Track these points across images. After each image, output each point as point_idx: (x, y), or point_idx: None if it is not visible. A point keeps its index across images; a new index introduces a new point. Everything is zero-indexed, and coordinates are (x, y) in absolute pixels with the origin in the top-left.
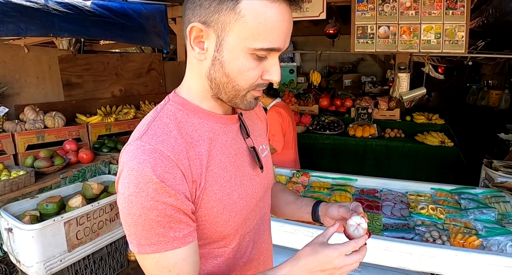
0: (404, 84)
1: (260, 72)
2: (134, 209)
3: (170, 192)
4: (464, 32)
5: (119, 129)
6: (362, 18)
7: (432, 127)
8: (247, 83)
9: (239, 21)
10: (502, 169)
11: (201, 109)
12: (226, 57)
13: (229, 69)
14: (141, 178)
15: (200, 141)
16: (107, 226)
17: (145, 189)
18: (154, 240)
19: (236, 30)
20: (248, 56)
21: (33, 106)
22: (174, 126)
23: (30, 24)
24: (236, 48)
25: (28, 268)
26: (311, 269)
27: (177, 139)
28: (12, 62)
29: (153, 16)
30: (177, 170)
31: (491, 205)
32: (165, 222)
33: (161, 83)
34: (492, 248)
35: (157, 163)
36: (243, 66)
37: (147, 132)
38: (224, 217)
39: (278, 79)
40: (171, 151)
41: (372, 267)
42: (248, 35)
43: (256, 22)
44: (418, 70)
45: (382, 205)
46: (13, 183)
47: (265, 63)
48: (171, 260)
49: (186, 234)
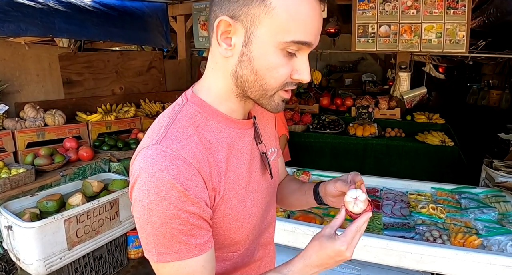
0: (404, 83)
1: (290, 70)
2: (155, 218)
3: (193, 200)
4: (465, 32)
5: (119, 127)
6: (363, 17)
7: (433, 127)
8: (276, 81)
9: (269, 14)
10: (503, 169)
11: (219, 113)
12: (255, 53)
13: (258, 66)
14: (163, 186)
15: (219, 147)
16: (107, 224)
17: (167, 198)
18: (175, 249)
19: (266, 24)
20: (278, 52)
21: (33, 104)
22: (194, 130)
23: (30, 24)
24: (266, 42)
25: (28, 266)
26: (323, 263)
27: (197, 144)
28: (12, 59)
29: (155, 14)
30: (199, 177)
31: (492, 204)
32: (187, 230)
33: (161, 81)
34: (492, 247)
35: (180, 170)
36: (272, 62)
37: (167, 135)
38: (238, 223)
39: (308, 79)
40: (193, 157)
41: (372, 266)
42: (279, 28)
43: (287, 14)
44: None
45: (382, 204)
46: (13, 181)
47: (295, 61)
48: (191, 268)
49: (206, 240)
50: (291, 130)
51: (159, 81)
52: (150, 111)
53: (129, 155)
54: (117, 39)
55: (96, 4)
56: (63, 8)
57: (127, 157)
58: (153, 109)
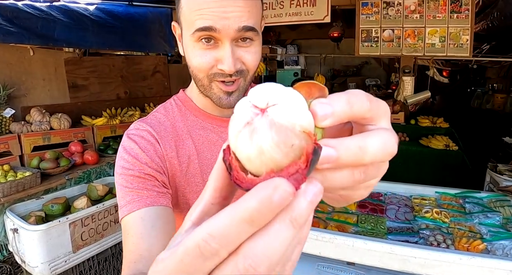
0: (408, 87)
1: (211, 60)
2: (117, 168)
3: (147, 160)
4: (469, 36)
5: (124, 131)
6: (366, 22)
7: (437, 131)
8: (200, 71)
9: (181, 13)
10: (507, 173)
11: (197, 109)
12: (184, 48)
13: (187, 58)
14: (126, 144)
15: (189, 135)
16: (112, 227)
17: (128, 151)
18: (130, 198)
19: (182, 21)
20: (194, 44)
21: (39, 108)
22: (169, 119)
23: (32, 34)
24: (186, 38)
25: (33, 268)
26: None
27: (167, 128)
28: (19, 64)
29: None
30: (158, 147)
31: (496, 209)
32: (140, 179)
33: (166, 86)
34: (496, 252)
35: (142, 136)
36: (191, 53)
37: (145, 118)
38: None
39: (227, 69)
40: (158, 134)
41: (376, 271)
42: (187, 23)
43: (187, 8)
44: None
45: (386, 209)
46: (19, 184)
47: (217, 51)
48: (129, 222)
49: (159, 192)
50: None
51: (164, 85)
52: None
53: None
54: (117, 48)
55: (99, 12)
56: (64, 17)
57: None
58: None
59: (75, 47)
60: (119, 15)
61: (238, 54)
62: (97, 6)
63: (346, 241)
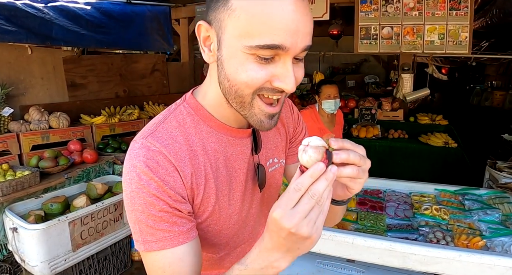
0: (407, 84)
1: (266, 76)
2: (137, 205)
3: (170, 193)
4: (468, 33)
5: (123, 129)
6: (365, 19)
7: (436, 128)
8: (249, 87)
9: (231, 17)
10: (506, 170)
11: (212, 118)
12: (225, 57)
13: (228, 70)
14: (143, 175)
15: (205, 151)
16: (111, 226)
17: (147, 186)
18: (159, 236)
19: (230, 27)
20: (247, 56)
21: (38, 107)
22: (181, 131)
23: (30, 32)
24: (233, 47)
25: (33, 267)
26: (276, 245)
27: (181, 145)
28: (17, 63)
29: (157, 18)
30: (177, 175)
31: (495, 206)
32: (168, 217)
33: (164, 84)
34: (496, 249)
35: (159, 165)
36: (241, 66)
37: (155, 133)
38: (217, 228)
39: (290, 88)
40: (174, 156)
41: (376, 268)
42: (242, 32)
43: (248, 16)
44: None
45: (385, 206)
46: (18, 183)
47: (275, 66)
48: (167, 259)
49: (189, 228)
50: None
51: (163, 84)
52: (153, 114)
53: None
54: (115, 46)
55: (95, 11)
56: (61, 16)
57: None
58: (157, 112)
59: (73, 46)
60: (117, 14)
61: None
62: (94, 5)
63: (346, 238)
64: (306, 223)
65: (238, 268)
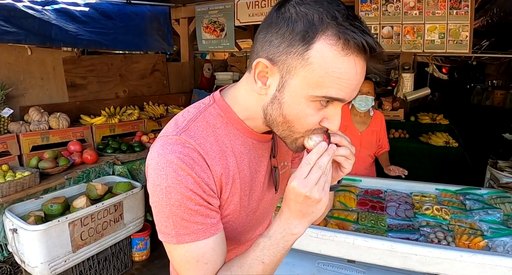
0: (408, 84)
1: (319, 119)
2: (173, 200)
3: (205, 188)
4: (468, 32)
5: (123, 130)
6: (365, 19)
7: (437, 128)
8: (303, 128)
9: (306, 68)
10: (507, 170)
11: (240, 121)
12: (286, 99)
13: (287, 112)
14: (180, 171)
15: (232, 152)
16: (111, 226)
17: (184, 181)
18: (193, 229)
19: (301, 76)
20: (309, 103)
21: (37, 107)
22: (212, 131)
23: (29, 33)
24: (298, 93)
25: (33, 268)
26: (293, 212)
27: (212, 145)
28: (17, 63)
29: (157, 18)
30: (210, 172)
31: (496, 205)
32: (203, 210)
33: (164, 84)
34: (497, 249)
35: (195, 161)
36: (302, 111)
37: (188, 130)
38: (233, 225)
39: (336, 129)
40: (207, 155)
41: (376, 268)
42: (312, 83)
43: (323, 71)
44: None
45: (386, 206)
46: (18, 184)
47: (327, 110)
48: (200, 250)
49: (218, 220)
50: None
51: (163, 84)
52: (153, 114)
53: (133, 158)
54: (115, 47)
55: (95, 11)
56: (60, 17)
57: (131, 160)
58: (157, 112)
59: (72, 47)
60: (117, 14)
61: None
62: (93, 5)
63: (346, 238)
64: (317, 188)
65: (262, 240)
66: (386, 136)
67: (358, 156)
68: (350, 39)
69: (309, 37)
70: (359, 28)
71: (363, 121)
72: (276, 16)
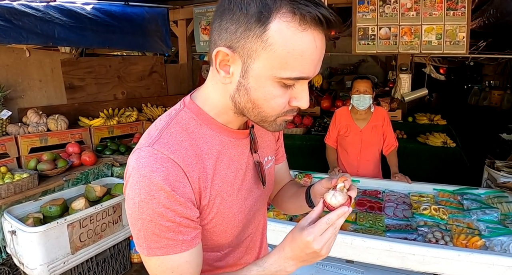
0: (405, 85)
1: (287, 99)
2: (145, 215)
3: (180, 201)
4: (465, 33)
5: (121, 131)
6: (363, 20)
7: (434, 128)
8: (274, 110)
9: (267, 49)
10: (505, 169)
11: (214, 121)
12: (252, 84)
13: (255, 96)
14: (153, 186)
15: (209, 154)
16: (110, 228)
17: (157, 197)
18: (163, 244)
19: (262, 58)
20: (275, 84)
21: (36, 109)
22: (186, 136)
23: (31, 33)
24: (262, 76)
25: (32, 270)
26: (296, 256)
27: (188, 150)
28: (15, 65)
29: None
30: (186, 180)
31: (494, 205)
32: (174, 227)
33: (163, 86)
34: (495, 248)
35: (169, 172)
36: (269, 94)
37: (160, 139)
38: (222, 228)
39: (306, 106)
40: (183, 161)
41: (375, 268)
42: (275, 64)
43: (284, 51)
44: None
45: (384, 206)
46: (17, 186)
47: (293, 90)
48: (176, 262)
49: (193, 237)
50: (291, 133)
51: (161, 86)
52: (152, 116)
53: None
54: (115, 46)
55: (96, 11)
56: (63, 16)
57: None
58: (155, 114)
59: (76, 46)
60: (117, 15)
61: None
62: (94, 5)
63: (344, 239)
64: (326, 246)
65: (256, 269)
66: (391, 131)
67: (361, 153)
68: (306, 13)
69: (264, 17)
70: (312, 1)
71: (363, 118)
72: (228, 2)
